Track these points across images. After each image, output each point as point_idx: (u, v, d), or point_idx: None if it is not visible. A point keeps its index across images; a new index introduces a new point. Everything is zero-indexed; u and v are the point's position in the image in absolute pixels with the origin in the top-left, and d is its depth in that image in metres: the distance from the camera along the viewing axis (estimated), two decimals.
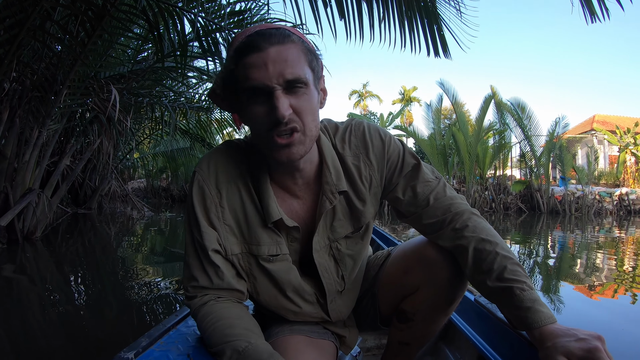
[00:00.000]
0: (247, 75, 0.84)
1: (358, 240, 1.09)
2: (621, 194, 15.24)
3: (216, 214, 0.96)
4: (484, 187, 15.66)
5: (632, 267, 4.82)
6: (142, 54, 6.67)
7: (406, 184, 1.05)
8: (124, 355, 0.88)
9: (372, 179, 1.05)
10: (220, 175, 0.97)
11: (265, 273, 1.00)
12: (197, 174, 0.98)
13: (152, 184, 20.15)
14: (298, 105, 0.86)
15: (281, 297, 1.02)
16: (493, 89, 15.06)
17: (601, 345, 0.75)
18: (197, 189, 0.96)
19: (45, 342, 2.20)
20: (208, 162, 0.99)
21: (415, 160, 1.06)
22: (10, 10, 3.48)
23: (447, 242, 1.01)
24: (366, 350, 1.65)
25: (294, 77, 0.84)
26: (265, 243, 0.98)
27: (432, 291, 1.05)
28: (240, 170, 0.99)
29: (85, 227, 7.71)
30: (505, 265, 0.91)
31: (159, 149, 13.81)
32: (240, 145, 1.03)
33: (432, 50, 3.68)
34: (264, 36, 0.85)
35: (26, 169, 4.71)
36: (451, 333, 1.45)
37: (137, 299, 3.09)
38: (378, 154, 1.04)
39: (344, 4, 3.39)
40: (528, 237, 8.00)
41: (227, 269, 0.96)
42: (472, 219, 1.00)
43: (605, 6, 2.96)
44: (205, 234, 0.94)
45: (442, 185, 1.05)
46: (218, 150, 1.01)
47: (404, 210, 1.08)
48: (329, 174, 1.01)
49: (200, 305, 0.93)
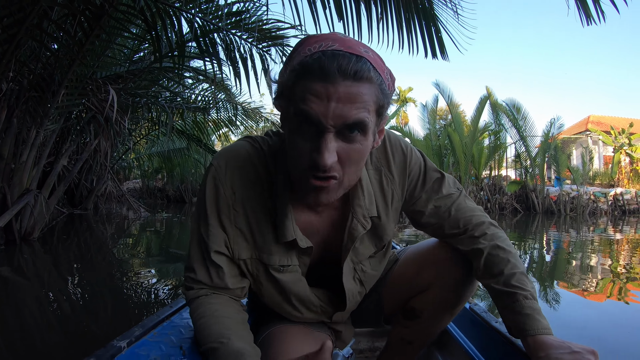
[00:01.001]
0: (305, 99, 0.73)
1: (381, 259, 1.09)
2: (616, 194, 15.32)
3: (228, 216, 0.93)
4: (479, 188, 15.70)
5: (626, 269, 4.85)
6: (139, 54, 6.65)
7: (428, 197, 1.04)
8: (116, 344, 0.88)
9: (394, 193, 1.02)
10: (238, 176, 0.92)
11: (272, 282, 0.98)
12: (213, 169, 0.92)
13: (148, 184, 20.07)
14: (346, 154, 0.77)
15: (285, 304, 1.01)
16: (488, 90, 15.11)
17: (594, 359, 0.77)
18: (212, 186, 0.92)
19: (42, 341, 2.21)
20: (226, 159, 0.93)
21: (438, 174, 1.04)
22: (9, 9, 3.47)
23: (464, 246, 1.03)
24: (359, 352, 1.66)
25: (354, 122, 0.74)
26: (276, 253, 0.95)
27: (443, 289, 1.08)
28: (260, 176, 0.93)
29: (81, 228, 7.69)
30: (515, 272, 0.94)
31: (155, 149, 13.76)
32: (264, 146, 0.96)
33: (430, 51, 3.71)
34: (339, 63, 0.71)
35: (23, 169, 4.68)
36: (444, 339, 1.45)
37: (135, 298, 3.10)
38: (400, 167, 1.01)
39: (343, 5, 3.41)
40: (523, 237, 8.04)
41: (229, 269, 0.94)
42: (491, 228, 1.02)
43: (600, 9, 2.99)
44: (212, 234, 0.92)
45: (463, 197, 1.06)
46: (238, 148, 0.95)
47: (424, 222, 1.07)
48: (362, 197, 0.95)
49: (194, 298, 0.93)
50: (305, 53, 0.75)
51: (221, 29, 4.68)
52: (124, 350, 0.87)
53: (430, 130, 16.71)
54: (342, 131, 0.75)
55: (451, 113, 15.95)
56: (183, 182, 18.40)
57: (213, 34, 4.76)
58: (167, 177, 19.42)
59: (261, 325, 1.09)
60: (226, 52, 4.94)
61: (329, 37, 0.77)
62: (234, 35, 4.90)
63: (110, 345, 0.87)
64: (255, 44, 5.07)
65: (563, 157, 15.64)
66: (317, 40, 0.77)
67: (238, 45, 4.96)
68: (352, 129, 0.75)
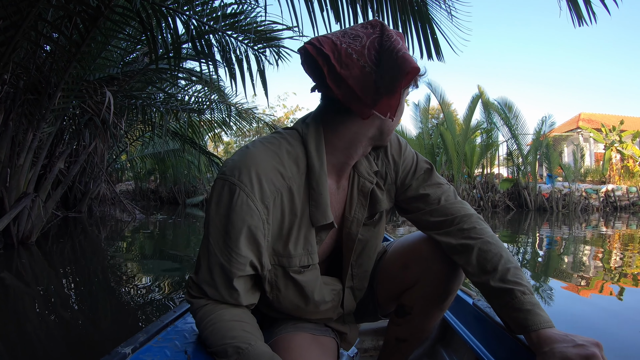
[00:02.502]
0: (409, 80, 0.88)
1: (371, 229, 1.11)
2: (607, 190, 15.51)
3: (263, 232, 0.89)
4: (471, 186, 15.81)
5: (619, 264, 4.93)
6: (131, 55, 6.63)
7: (419, 185, 1.11)
8: (121, 350, 0.87)
9: (388, 175, 1.10)
10: (266, 188, 0.89)
11: (293, 284, 0.98)
12: (238, 188, 0.86)
13: (141, 186, 19.95)
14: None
15: (304, 305, 1.02)
16: (480, 89, 15.24)
17: (599, 351, 0.76)
18: (243, 206, 0.86)
19: (44, 348, 2.19)
20: (249, 172, 0.88)
21: (428, 165, 1.13)
22: (6, 10, 3.45)
23: (452, 239, 1.02)
24: (363, 351, 1.67)
25: None
26: (297, 255, 0.95)
27: (429, 284, 1.08)
28: (286, 177, 0.93)
29: (76, 231, 7.63)
30: (509, 268, 0.94)
31: (148, 150, 13.70)
32: (285, 139, 0.97)
33: (426, 53, 3.76)
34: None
35: (20, 172, 4.67)
36: (449, 335, 1.46)
37: (135, 301, 3.10)
38: (395, 154, 1.11)
39: (340, 7, 3.44)
40: (516, 234, 8.11)
41: (244, 289, 0.91)
42: (480, 222, 1.04)
43: (592, 10, 3.04)
44: (237, 260, 0.87)
45: (453, 191, 1.11)
46: (257, 156, 0.91)
47: (413, 206, 1.11)
48: (363, 160, 1.06)
49: (202, 306, 0.91)
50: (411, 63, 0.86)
51: (217, 30, 4.69)
52: (129, 356, 0.87)
53: (422, 129, 16.81)
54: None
55: (443, 112, 16.07)
56: (176, 184, 18.31)
57: (209, 35, 4.77)
58: (160, 178, 19.31)
59: (263, 330, 1.06)
60: (222, 53, 4.95)
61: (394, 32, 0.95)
62: (229, 37, 4.92)
63: (115, 351, 0.87)
64: (252, 45, 5.08)
65: (555, 154, 15.81)
66: (406, 52, 0.89)
67: (234, 46, 4.98)
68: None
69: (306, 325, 1.07)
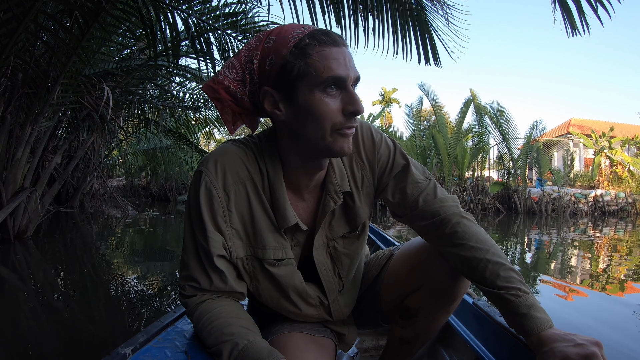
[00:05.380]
0: (329, 66, 0.84)
1: (354, 240, 1.09)
2: (596, 195, 15.74)
3: (223, 217, 0.93)
4: (462, 188, 15.95)
5: (604, 269, 5.03)
6: (127, 49, 6.62)
7: (395, 185, 1.06)
8: (121, 351, 0.88)
9: (365, 178, 1.05)
10: (229, 177, 0.94)
11: (269, 277, 0.99)
12: (203, 174, 0.93)
13: (132, 182, 19.84)
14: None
15: (283, 300, 1.02)
16: (473, 93, 15.39)
17: (599, 351, 0.76)
18: (205, 191, 0.92)
19: (40, 345, 2.18)
20: (215, 162, 0.94)
21: (404, 160, 1.06)
22: (8, 3, 3.44)
23: (440, 245, 1.02)
24: (364, 351, 1.66)
25: (358, 76, 0.90)
26: (271, 247, 0.97)
27: (435, 288, 1.07)
28: (251, 171, 0.96)
29: (68, 226, 7.60)
30: (498, 272, 0.91)
31: (140, 146, 13.64)
32: (250, 144, 1.00)
33: (424, 58, 3.82)
34: (335, 35, 0.87)
35: (17, 167, 4.66)
36: (449, 335, 1.45)
37: (131, 297, 3.12)
38: (369, 154, 1.05)
39: (341, 11, 3.49)
40: (506, 237, 8.22)
41: (230, 272, 0.94)
42: (461, 223, 0.99)
43: (585, 21, 3.08)
44: (212, 239, 0.91)
45: (432, 187, 1.05)
46: (225, 150, 0.97)
47: (396, 210, 1.09)
48: (334, 174, 1.01)
49: (197, 304, 0.92)
50: (295, 37, 0.86)
51: (216, 29, 4.72)
52: (129, 357, 0.87)
53: (414, 131, 16.93)
54: (352, 85, 0.88)
55: (435, 114, 16.21)
56: (167, 181, 18.25)
57: (208, 33, 4.80)
58: (152, 175, 19.22)
59: (261, 330, 1.04)
60: (221, 52, 4.98)
61: (295, 26, 0.89)
62: (229, 36, 4.94)
63: (115, 352, 0.87)
64: None
65: (545, 159, 16.03)
66: (289, 29, 0.88)
67: (233, 45, 5.00)
68: (356, 83, 0.90)
69: (304, 325, 1.06)
